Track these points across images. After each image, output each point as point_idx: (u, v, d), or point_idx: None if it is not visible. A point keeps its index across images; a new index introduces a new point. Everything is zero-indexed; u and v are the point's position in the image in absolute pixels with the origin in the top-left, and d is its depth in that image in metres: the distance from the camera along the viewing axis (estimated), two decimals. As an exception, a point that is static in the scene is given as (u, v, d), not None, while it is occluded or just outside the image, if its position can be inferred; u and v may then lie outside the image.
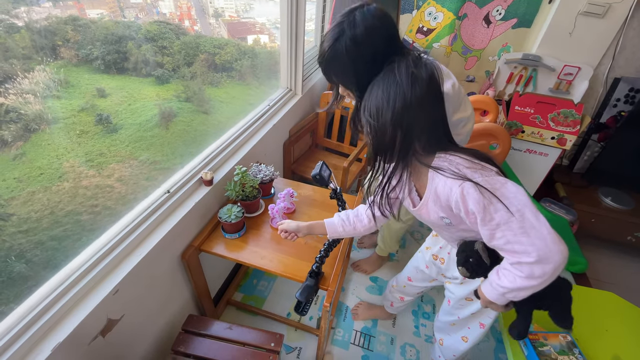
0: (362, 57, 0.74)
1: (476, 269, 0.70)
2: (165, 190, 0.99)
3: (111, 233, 0.86)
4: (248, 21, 1.73)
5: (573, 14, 1.71)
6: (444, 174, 0.61)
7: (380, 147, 0.65)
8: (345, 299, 1.47)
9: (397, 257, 1.70)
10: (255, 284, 1.50)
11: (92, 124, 1.03)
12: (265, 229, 1.10)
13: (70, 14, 0.96)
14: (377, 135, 0.63)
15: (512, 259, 0.59)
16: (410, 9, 1.99)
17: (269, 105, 1.51)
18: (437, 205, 0.67)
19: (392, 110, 0.59)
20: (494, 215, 0.57)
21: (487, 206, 0.57)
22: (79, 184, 0.96)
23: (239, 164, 1.22)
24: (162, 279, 0.98)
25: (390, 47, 0.77)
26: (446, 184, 0.61)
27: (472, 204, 0.58)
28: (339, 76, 0.81)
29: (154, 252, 0.90)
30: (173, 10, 1.37)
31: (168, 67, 1.25)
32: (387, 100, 0.59)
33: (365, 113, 0.64)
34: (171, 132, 1.26)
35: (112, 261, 0.82)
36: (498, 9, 1.86)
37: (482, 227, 0.59)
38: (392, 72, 0.60)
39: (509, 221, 0.56)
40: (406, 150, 0.63)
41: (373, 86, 0.63)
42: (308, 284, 0.90)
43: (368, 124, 0.64)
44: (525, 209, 0.56)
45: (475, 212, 0.58)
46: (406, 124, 0.60)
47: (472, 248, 0.69)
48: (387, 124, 0.60)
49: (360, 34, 0.72)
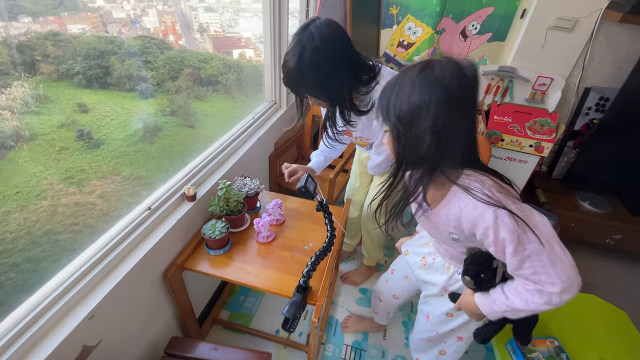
0: (326, 65, 0.80)
1: (484, 286, 0.68)
2: (146, 207, 0.96)
3: (87, 254, 0.82)
4: (233, 36, 1.75)
5: (543, 29, 1.80)
6: (477, 197, 0.56)
7: (411, 157, 0.58)
8: (335, 312, 1.45)
9: (386, 267, 1.69)
10: (242, 300, 1.46)
11: (73, 139, 1.00)
12: (251, 244, 1.08)
13: (50, 29, 0.95)
14: (408, 143, 0.56)
15: (533, 286, 0.58)
16: (390, 24, 2.05)
17: (253, 118, 1.51)
18: (451, 222, 0.63)
19: (434, 116, 0.52)
20: (526, 246, 0.55)
21: (520, 236, 0.54)
22: (58, 201, 0.93)
23: (223, 178, 1.20)
24: (143, 300, 0.94)
25: (347, 53, 0.84)
26: (477, 208, 0.57)
27: (505, 232, 0.55)
28: (308, 89, 0.85)
29: (133, 272, 0.86)
30: (157, 26, 1.37)
31: (152, 81, 1.25)
32: (427, 104, 0.52)
33: (392, 118, 0.57)
34: (156, 147, 1.24)
35: (88, 284, 0.79)
36: (474, 24, 1.94)
37: (512, 257, 0.56)
38: (430, 71, 0.53)
39: (540, 252, 0.55)
40: (438, 162, 0.56)
41: (396, 88, 0.56)
42: (295, 299, 0.88)
43: (396, 130, 0.57)
44: (553, 241, 0.55)
45: (507, 241, 0.55)
46: (447, 131, 0.53)
47: (489, 265, 0.66)
48: (425, 130, 0.53)
49: (320, 45, 0.78)
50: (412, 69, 0.56)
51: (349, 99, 0.89)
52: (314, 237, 1.12)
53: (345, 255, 1.72)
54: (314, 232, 1.14)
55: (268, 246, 1.08)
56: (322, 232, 1.11)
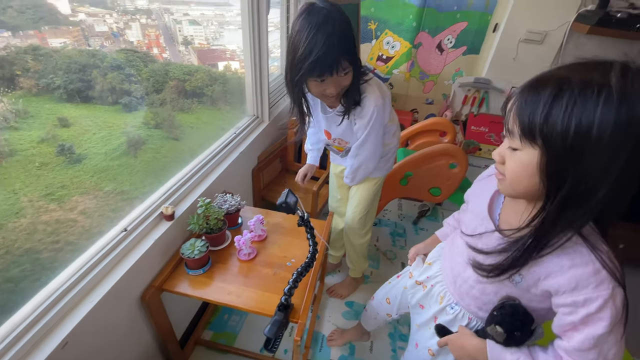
0: (352, 35, 0.88)
1: (511, 343, 0.59)
2: (122, 229, 0.94)
3: (59, 280, 0.79)
4: (218, 48, 1.74)
5: (515, 42, 1.89)
6: (603, 262, 0.47)
7: (571, 193, 0.45)
8: (321, 327, 1.43)
9: (372, 279, 1.69)
10: (227, 319, 1.43)
11: (53, 155, 0.98)
12: (233, 262, 1.06)
13: (31, 44, 0.93)
14: (570, 175, 0.44)
15: None
16: (369, 39, 2.10)
17: (235, 133, 1.51)
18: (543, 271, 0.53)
19: (631, 148, 0.40)
20: (611, 335, 0.48)
21: (617, 324, 0.48)
22: (38, 219, 0.90)
23: (203, 194, 1.19)
24: (120, 325, 0.91)
25: None
26: (598, 274, 0.48)
27: (608, 313, 0.47)
28: (349, 52, 0.88)
29: (109, 297, 0.83)
30: (141, 39, 1.36)
31: (136, 94, 1.23)
32: (628, 130, 0.40)
33: (556, 140, 0.43)
34: (140, 160, 1.22)
35: (60, 311, 0.75)
36: (449, 38, 2.01)
37: (590, 338, 0.49)
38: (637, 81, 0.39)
39: (614, 346, 0.49)
40: (599, 208, 0.44)
41: (567, 97, 0.42)
42: (277, 318, 0.86)
43: (553, 156, 0.44)
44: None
45: (603, 321, 0.47)
46: (631, 172, 0.42)
47: (529, 325, 0.58)
48: (604, 165, 0.41)
49: (342, 16, 0.86)
50: (595, 71, 0.42)
51: (359, 72, 0.95)
52: (296, 252, 1.11)
53: (331, 268, 1.71)
54: (297, 247, 1.13)
55: (250, 264, 1.06)
56: (305, 247, 1.10)
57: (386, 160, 1.23)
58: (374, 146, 1.09)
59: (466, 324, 0.70)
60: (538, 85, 0.46)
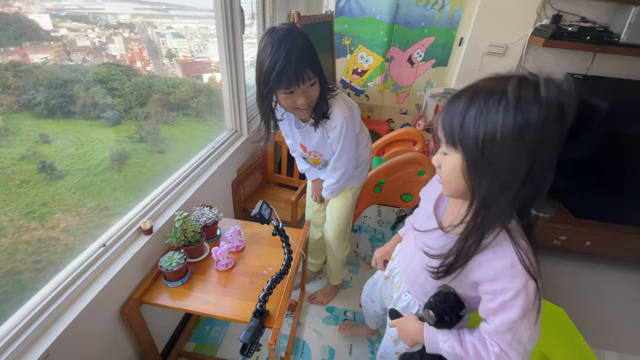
0: (313, 49, 0.92)
1: (441, 326, 0.66)
2: (101, 244, 0.97)
3: (38, 298, 0.82)
4: (203, 60, 1.76)
5: (479, 54, 2.01)
6: (521, 258, 0.53)
7: (490, 192, 0.51)
8: (302, 333, 1.47)
9: (351, 284, 1.74)
10: (209, 330, 1.45)
11: (34, 172, 0.97)
12: (211, 273, 1.10)
13: (12, 60, 0.94)
14: (488, 173, 0.50)
15: (497, 350, 0.58)
16: (344, 54, 2.20)
17: (213, 147, 1.55)
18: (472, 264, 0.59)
19: (532, 146, 0.46)
20: (523, 322, 0.54)
21: (528, 312, 0.54)
22: (19, 239, 0.90)
23: (182, 208, 1.23)
24: (101, 338, 0.93)
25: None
26: (514, 267, 0.53)
27: (520, 302, 0.53)
28: (312, 64, 0.93)
29: (88, 311, 0.86)
30: (124, 52, 1.37)
31: (119, 108, 1.23)
32: (524, 130, 0.46)
33: (468, 142, 0.49)
34: (124, 175, 1.22)
35: (41, 325, 0.78)
36: (418, 52, 2.13)
37: (505, 323, 0.55)
38: (528, 90, 0.46)
39: (526, 331, 0.55)
40: (517, 201, 0.50)
41: (476, 106, 0.48)
42: (252, 324, 0.91)
43: (471, 157, 0.50)
44: (538, 328, 0.56)
45: (516, 309, 0.53)
46: (542, 165, 0.47)
47: (457, 312, 0.65)
48: (516, 161, 0.47)
49: (303, 34, 0.92)
50: (499, 83, 0.48)
51: (326, 87, 1.00)
52: (273, 261, 1.16)
53: (312, 275, 1.75)
54: (273, 256, 1.18)
55: (228, 274, 1.10)
56: (282, 255, 1.14)
57: (361, 170, 1.29)
58: (350, 157, 1.15)
59: (416, 311, 0.78)
60: (456, 98, 0.52)
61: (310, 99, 0.98)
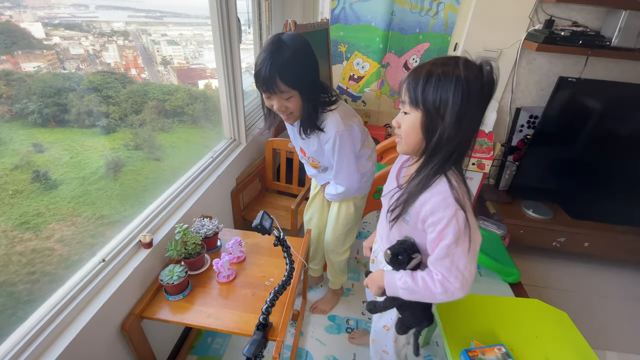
0: (305, 58, 0.94)
1: (395, 264, 0.79)
2: (100, 259, 0.96)
3: (38, 314, 0.80)
4: (198, 67, 1.76)
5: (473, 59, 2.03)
6: (453, 192, 0.67)
7: (438, 142, 0.66)
8: (305, 343, 1.46)
9: (353, 291, 1.74)
10: (210, 342, 1.43)
11: (28, 182, 0.95)
12: (212, 285, 1.09)
13: (3, 69, 0.93)
14: (436, 127, 0.65)
15: (440, 277, 0.70)
16: (340, 60, 2.21)
17: (212, 157, 1.55)
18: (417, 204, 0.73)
19: (460, 105, 0.62)
20: (457, 247, 0.67)
21: (459, 238, 0.66)
22: (12, 250, 0.88)
23: (182, 220, 1.22)
24: (101, 355, 0.92)
25: (316, 60, 1.01)
26: (446, 199, 0.67)
27: (452, 228, 0.66)
28: (288, 77, 0.91)
29: (88, 328, 0.85)
30: (118, 60, 1.35)
31: (114, 116, 1.22)
32: (456, 94, 0.62)
33: (426, 103, 0.65)
34: (120, 183, 1.20)
35: (40, 345, 0.77)
36: (414, 58, 2.14)
37: (442, 249, 0.68)
38: (455, 68, 0.62)
39: (463, 256, 0.67)
40: (455, 148, 0.66)
41: (429, 78, 0.64)
42: (255, 337, 0.90)
43: (426, 113, 0.66)
44: (474, 255, 0.68)
45: (449, 235, 0.66)
46: (468, 119, 0.64)
47: (409, 254, 0.77)
48: (452, 115, 0.63)
49: (297, 43, 0.93)
50: (451, 62, 0.65)
51: (317, 101, 1.00)
52: (274, 272, 1.15)
53: (313, 281, 1.74)
54: (275, 266, 1.17)
55: (229, 285, 1.09)
56: (283, 265, 1.14)
57: (365, 180, 1.29)
58: (350, 173, 1.14)
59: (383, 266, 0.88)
60: (418, 71, 0.68)
61: (285, 108, 0.99)
